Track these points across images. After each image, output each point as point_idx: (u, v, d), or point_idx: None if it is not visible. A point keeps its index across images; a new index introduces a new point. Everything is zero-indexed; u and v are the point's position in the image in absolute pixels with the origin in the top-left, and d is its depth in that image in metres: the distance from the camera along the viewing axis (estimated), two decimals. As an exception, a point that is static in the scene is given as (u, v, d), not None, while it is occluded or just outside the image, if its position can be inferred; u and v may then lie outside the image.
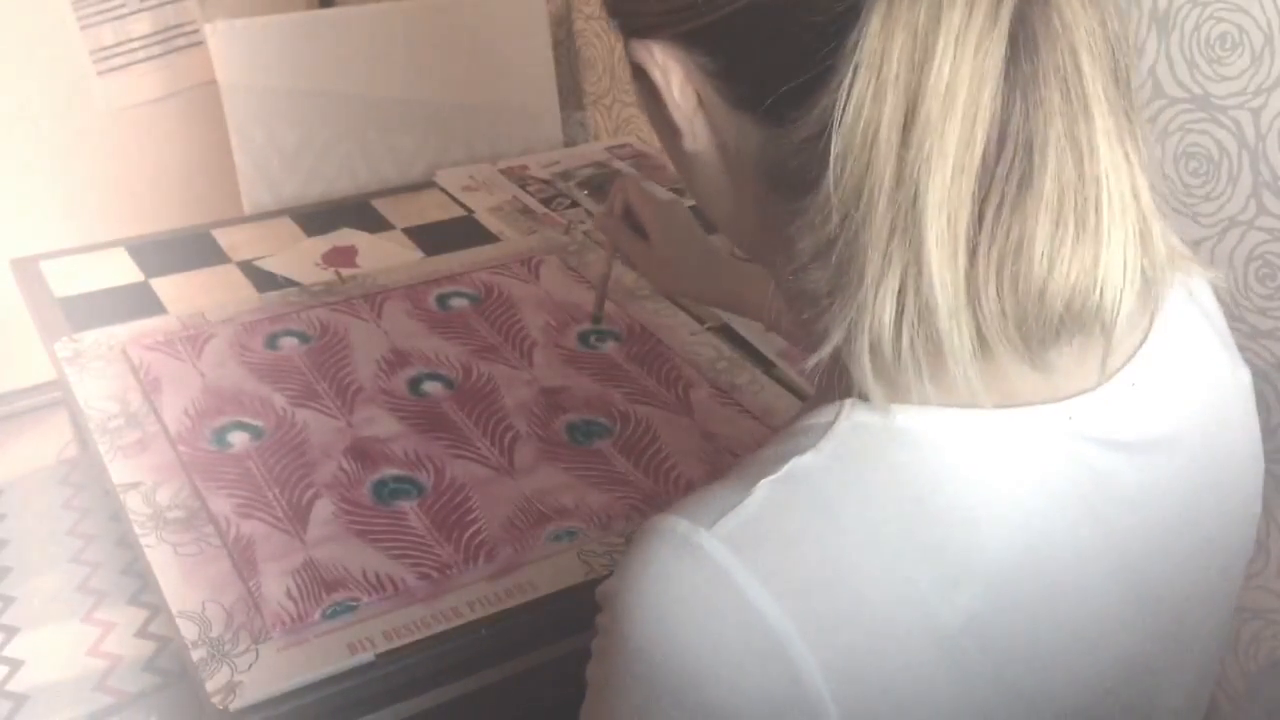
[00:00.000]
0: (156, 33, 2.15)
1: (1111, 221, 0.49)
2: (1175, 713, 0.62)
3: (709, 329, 1.34)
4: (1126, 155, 0.49)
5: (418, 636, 0.93)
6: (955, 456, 0.51)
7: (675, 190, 1.56)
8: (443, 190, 1.69)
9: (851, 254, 0.49)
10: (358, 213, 1.61)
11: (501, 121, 1.91)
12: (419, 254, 1.50)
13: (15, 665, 1.17)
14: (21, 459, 1.93)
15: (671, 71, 0.55)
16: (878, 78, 0.47)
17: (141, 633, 1.20)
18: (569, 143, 1.98)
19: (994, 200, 0.48)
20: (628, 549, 0.52)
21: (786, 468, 0.50)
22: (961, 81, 0.46)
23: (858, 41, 0.47)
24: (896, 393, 0.51)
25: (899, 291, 0.48)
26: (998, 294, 0.48)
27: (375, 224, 1.58)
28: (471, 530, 1.03)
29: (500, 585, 0.98)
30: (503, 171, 1.76)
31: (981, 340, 0.49)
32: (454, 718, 0.96)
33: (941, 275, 0.47)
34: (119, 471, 1.09)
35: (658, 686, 0.49)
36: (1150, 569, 0.56)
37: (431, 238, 1.54)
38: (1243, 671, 1.08)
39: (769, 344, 1.30)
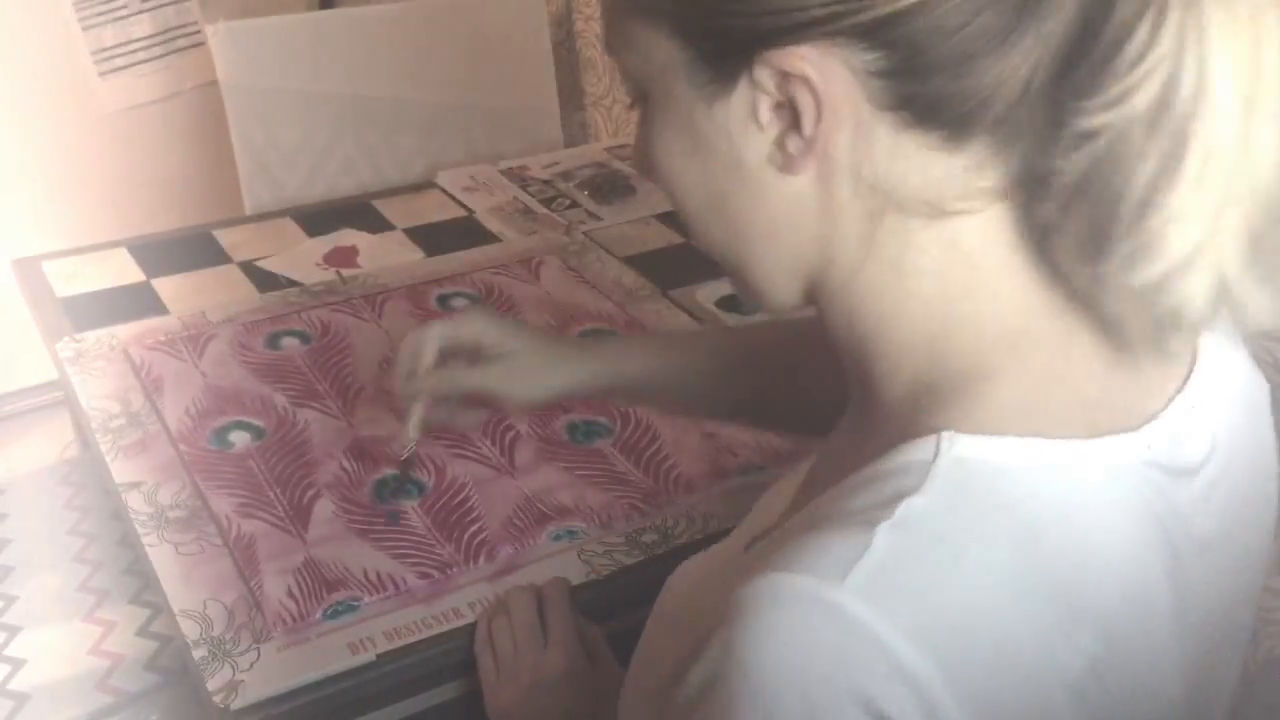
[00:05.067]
0: (157, 34, 2.16)
1: None
2: (1224, 713, 0.64)
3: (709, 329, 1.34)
4: None
5: (418, 637, 0.93)
6: (1056, 491, 0.51)
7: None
8: (443, 191, 1.70)
9: (1218, 214, 0.48)
10: (358, 213, 1.61)
11: (501, 122, 1.91)
12: (420, 254, 1.51)
13: (17, 664, 1.17)
14: (23, 459, 1.93)
15: (823, 78, 0.50)
16: (1231, 40, 0.46)
17: (143, 632, 1.20)
18: (569, 143, 1.99)
19: None
20: (738, 619, 0.48)
21: (900, 511, 0.48)
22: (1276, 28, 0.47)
23: (1170, 8, 0.46)
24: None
25: (1250, 234, 0.49)
26: None
27: (376, 224, 1.58)
28: (472, 530, 1.03)
29: (501, 585, 0.98)
30: (503, 172, 1.76)
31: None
32: (454, 718, 0.97)
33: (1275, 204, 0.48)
34: (120, 471, 1.09)
35: None
36: (1210, 588, 0.57)
37: (432, 238, 1.55)
38: (1242, 671, 1.08)
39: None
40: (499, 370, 0.94)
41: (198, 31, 2.15)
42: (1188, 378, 0.57)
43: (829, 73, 0.50)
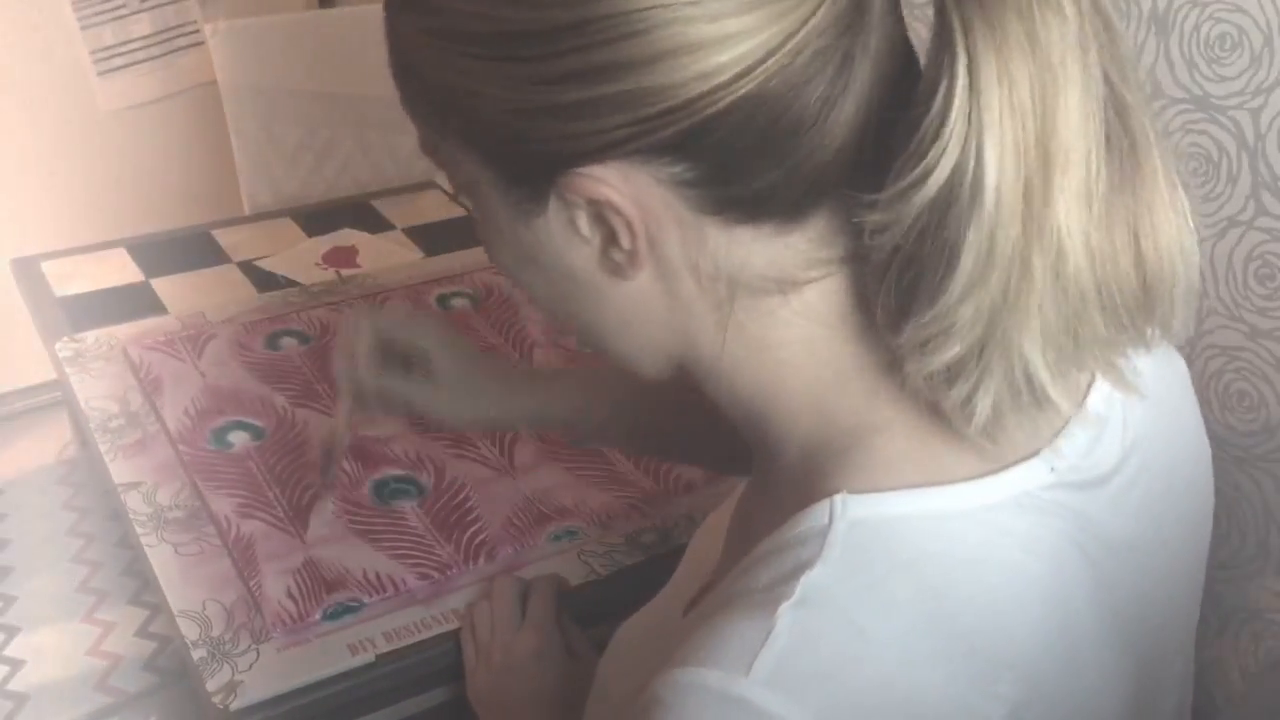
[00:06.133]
0: (157, 33, 2.15)
1: (1183, 197, 0.50)
2: (1171, 710, 0.63)
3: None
4: None
5: (418, 638, 0.93)
6: (958, 540, 0.50)
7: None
8: (443, 190, 1.69)
9: (1002, 311, 0.47)
10: (358, 213, 1.61)
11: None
12: (419, 254, 1.50)
13: (16, 665, 1.17)
14: (22, 459, 1.92)
15: (628, 191, 0.49)
16: (1013, 130, 0.45)
17: (142, 632, 1.20)
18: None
19: (1118, 205, 0.48)
20: (652, 718, 0.46)
21: (800, 589, 0.47)
22: (1079, 115, 0.45)
23: (954, 99, 0.45)
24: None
25: (1044, 329, 0.47)
26: (1134, 291, 0.49)
27: (375, 224, 1.58)
28: (472, 530, 1.03)
29: (500, 585, 0.98)
30: (503, 171, 1.75)
31: (1122, 335, 0.49)
32: (453, 719, 0.97)
33: (1091, 294, 0.47)
34: (119, 471, 1.09)
35: None
36: (1138, 589, 0.56)
37: (432, 238, 1.54)
38: (1242, 671, 1.08)
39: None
40: (426, 387, 0.92)
41: (197, 31, 2.15)
42: (1091, 383, 0.55)
43: (639, 186, 0.49)
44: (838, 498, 0.50)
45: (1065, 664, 0.51)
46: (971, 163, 0.45)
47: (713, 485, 1.09)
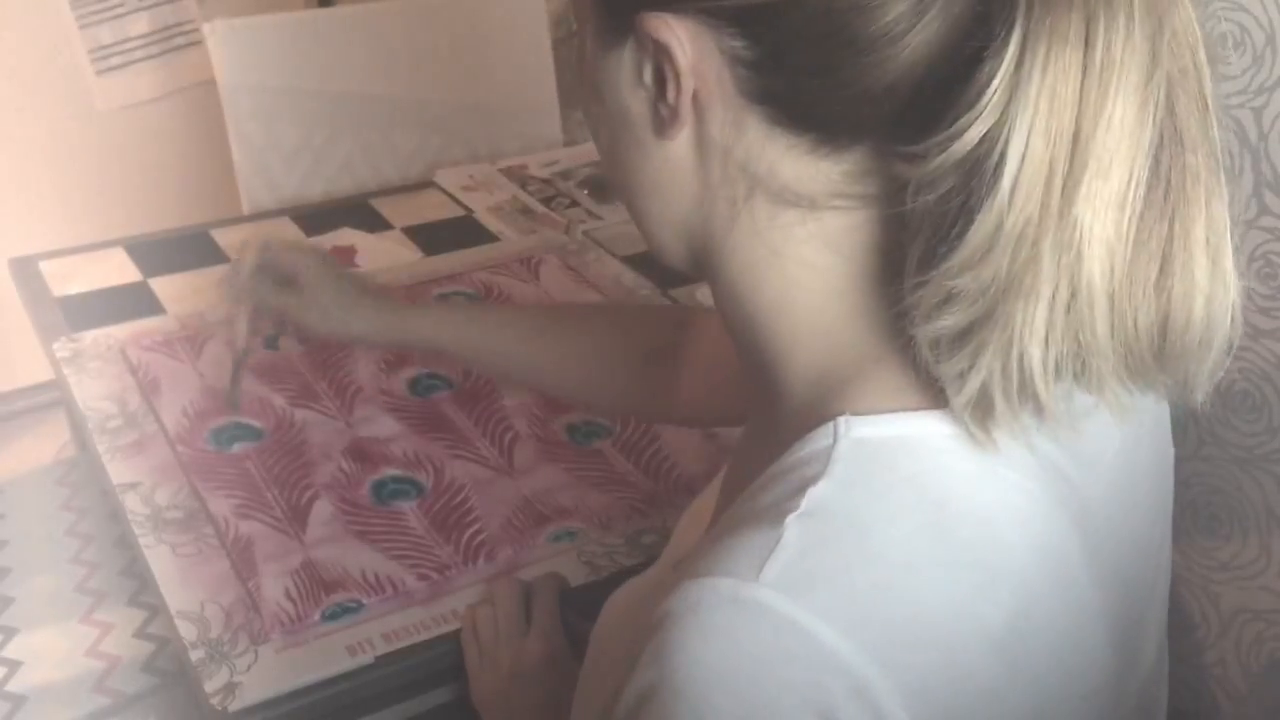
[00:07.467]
0: (155, 32, 2.15)
1: (1230, 259, 0.49)
2: (1150, 668, 0.63)
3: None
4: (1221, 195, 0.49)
5: (417, 639, 0.93)
6: (954, 457, 0.51)
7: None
8: (442, 190, 1.69)
9: (1005, 293, 0.46)
10: (357, 212, 1.61)
11: (501, 121, 1.91)
12: (418, 254, 1.50)
13: (13, 666, 1.16)
14: (19, 459, 1.92)
15: (691, 51, 0.51)
16: (1047, 117, 0.45)
17: (140, 633, 1.19)
18: (569, 142, 1.98)
19: (1149, 231, 0.47)
20: (664, 631, 0.47)
21: (805, 501, 0.49)
22: (1127, 126, 0.45)
23: (999, 72, 0.45)
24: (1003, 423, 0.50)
25: (1049, 325, 0.47)
26: (1149, 325, 0.48)
27: (374, 224, 1.58)
28: (471, 531, 1.03)
29: (500, 586, 0.98)
30: (502, 171, 1.75)
31: (1128, 368, 0.49)
32: None
33: (1102, 304, 0.47)
34: (117, 472, 1.09)
35: None
36: (1114, 534, 0.57)
37: (431, 237, 1.54)
38: (1244, 671, 1.08)
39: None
40: (297, 299, 1.06)
41: (195, 30, 2.15)
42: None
43: (700, 49, 0.51)
44: (841, 419, 0.51)
45: (1058, 582, 0.52)
46: (1001, 137, 0.45)
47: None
